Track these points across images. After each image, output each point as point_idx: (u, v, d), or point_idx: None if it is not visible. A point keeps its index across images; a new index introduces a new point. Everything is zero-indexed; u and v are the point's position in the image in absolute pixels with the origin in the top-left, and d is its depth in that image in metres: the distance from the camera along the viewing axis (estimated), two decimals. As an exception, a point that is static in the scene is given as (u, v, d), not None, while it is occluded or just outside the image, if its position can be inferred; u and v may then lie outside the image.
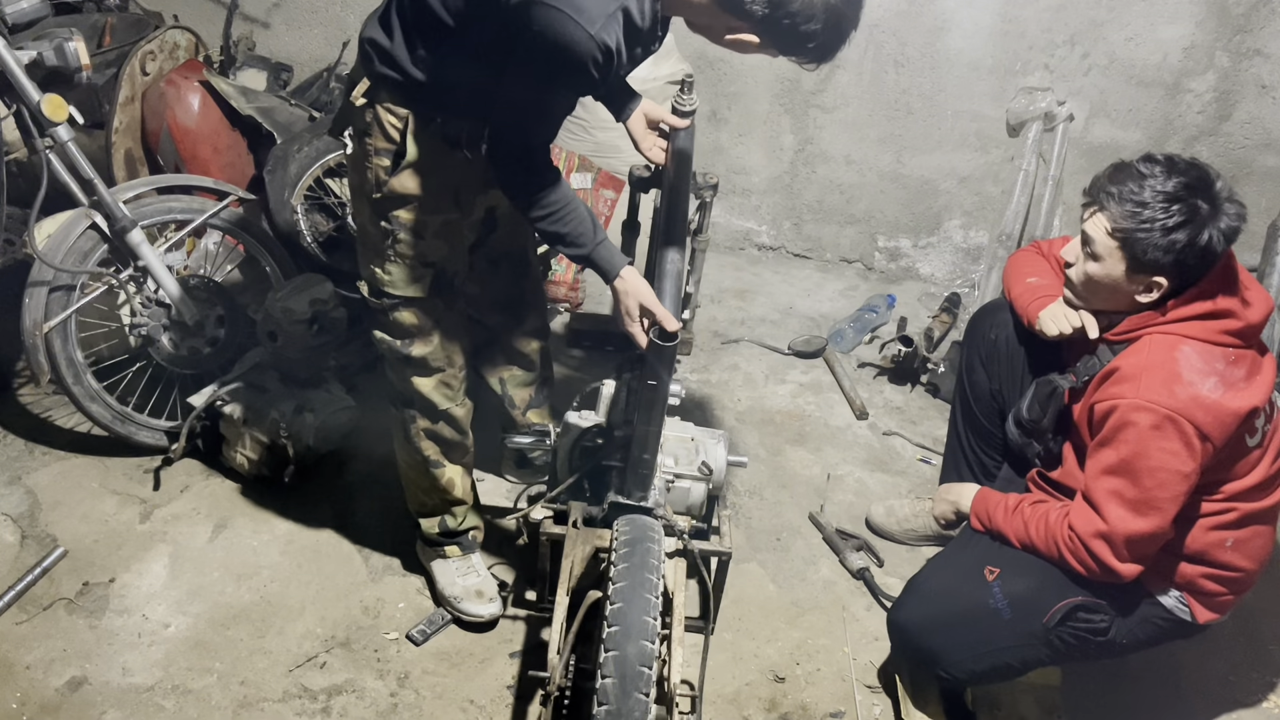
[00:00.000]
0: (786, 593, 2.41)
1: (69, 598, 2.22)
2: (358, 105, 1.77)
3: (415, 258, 1.89)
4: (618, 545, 1.68)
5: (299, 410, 2.49)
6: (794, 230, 3.95)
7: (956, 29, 3.39)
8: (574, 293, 3.46)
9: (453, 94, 1.74)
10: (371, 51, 1.73)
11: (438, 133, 1.79)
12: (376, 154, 1.80)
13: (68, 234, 2.29)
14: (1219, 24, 3.20)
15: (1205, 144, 3.41)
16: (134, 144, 2.76)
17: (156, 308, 2.48)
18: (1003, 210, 3.58)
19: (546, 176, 1.72)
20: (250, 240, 2.65)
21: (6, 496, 2.47)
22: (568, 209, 1.73)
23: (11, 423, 2.71)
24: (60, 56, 2.21)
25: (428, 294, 1.94)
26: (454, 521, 2.22)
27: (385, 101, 1.75)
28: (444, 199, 1.88)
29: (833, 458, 2.88)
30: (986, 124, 3.54)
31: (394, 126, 1.77)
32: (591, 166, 3.44)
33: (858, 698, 2.15)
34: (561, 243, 1.77)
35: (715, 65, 3.64)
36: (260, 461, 2.51)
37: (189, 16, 3.10)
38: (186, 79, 2.71)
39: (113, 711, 1.99)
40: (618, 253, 1.79)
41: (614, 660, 1.47)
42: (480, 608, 2.19)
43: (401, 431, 2.13)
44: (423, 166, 1.81)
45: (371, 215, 1.87)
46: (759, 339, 3.42)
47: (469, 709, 2.05)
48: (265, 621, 2.21)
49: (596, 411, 2.12)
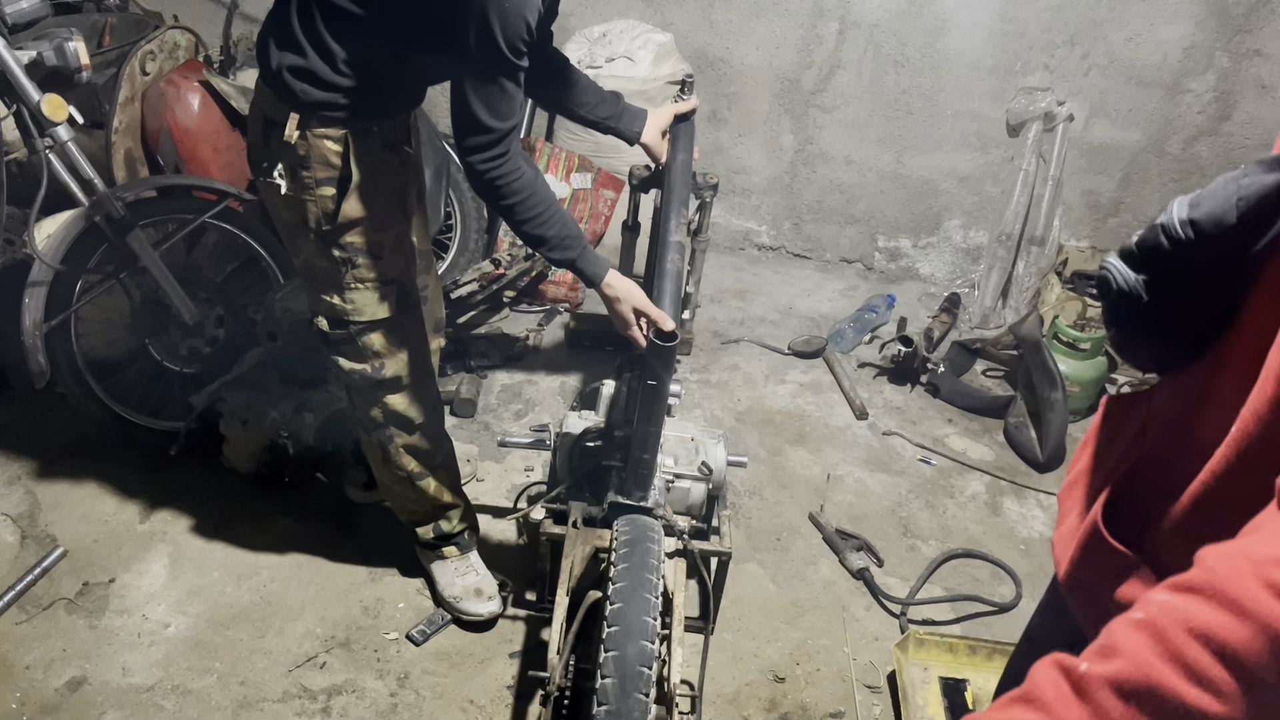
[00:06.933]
0: (786, 593, 2.41)
1: (69, 598, 2.22)
2: (292, 142, 1.66)
3: (376, 279, 1.82)
4: (618, 545, 1.68)
5: (299, 410, 2.50)
6: (794, 230, 3.95)
7: (956, 29, 3.39)
8: (574, 293, 3.46)
9: (383, 91, 1.69)
10: (291, 79, 1.62)
11: (376, 142, 1.74)
12: (318, 184, 1.70)
13: (68, 234, 2.29)
14: (1219, 24, 3.20)
15: (1205, 144, 3.42)
16: (134, 144, 2.76)
17: (156, 307, 2.48)
18: (1003, 210, 3.58)
19: (525, 172, 1.65)
20: (250, 240, 2.65)
21: (6, 496, 2.47)
22: (551, 212, 1.69)
23: (11, 423, 2.71)
24: (60, 56, 2.21)
25: (394, 312, 1.87)
26: (448, 525, 2.21)
27: (317, 128, 1.66)
28: (393, 211, 1.84)
29: (833, 458, 2.88)
30: (986, 124, 3.55)
31: (333, 151, 1.68)
32: (591, 166, 3.44)
33: (858, 698, 2.15)
34: (546, 246, 1.72)
35: (715, 65, 3.64)
36: (260, 461, 2.51)
37: (189, 16, 3.10)
38: (186, 79, 2.71)
39: (113, 711, 1.99)
40: (600, 257, 1.77)
41: (614, 660, 1.47)
42: (480, 606, 2.19)
43: (379, 453, 2.08)
44: (367, 185, 1.73)
45: (319, 249, 1.77)
46: (759, 339, 3.42)
47: (469, 709, 2.05)
48: (265, 621, 2.21)
49: (596, 412, 2.13)
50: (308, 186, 1.71)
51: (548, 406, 2.98)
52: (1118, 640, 0.75)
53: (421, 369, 2.01)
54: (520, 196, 1.64)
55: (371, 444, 2.07)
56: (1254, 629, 0.69)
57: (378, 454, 2.08)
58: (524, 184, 1.63)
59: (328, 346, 1.92)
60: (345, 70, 1.62)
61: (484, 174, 1.60)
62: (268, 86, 1.68)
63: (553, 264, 1.99)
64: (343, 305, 1.84)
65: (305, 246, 1.80)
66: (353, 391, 1.99)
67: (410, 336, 1.95)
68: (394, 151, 1.81)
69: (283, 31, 1.64)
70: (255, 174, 1.78)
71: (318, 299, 1.86)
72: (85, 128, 2.51)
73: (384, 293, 1.85)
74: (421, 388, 2.02)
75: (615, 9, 3.61)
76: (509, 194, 1.63)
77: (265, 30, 1.69)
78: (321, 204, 1.73)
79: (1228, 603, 0.70)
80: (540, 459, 2.74)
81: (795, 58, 3.57)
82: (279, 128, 1.66)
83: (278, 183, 1.71)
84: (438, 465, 2.14)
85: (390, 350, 1.92)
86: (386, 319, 1.88)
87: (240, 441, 2.50)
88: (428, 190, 2.34)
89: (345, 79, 1.63)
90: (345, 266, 1.79)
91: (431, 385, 2.07)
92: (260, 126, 1.73)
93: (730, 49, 3.60)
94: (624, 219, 2.47)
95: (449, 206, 3.31)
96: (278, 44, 1.64)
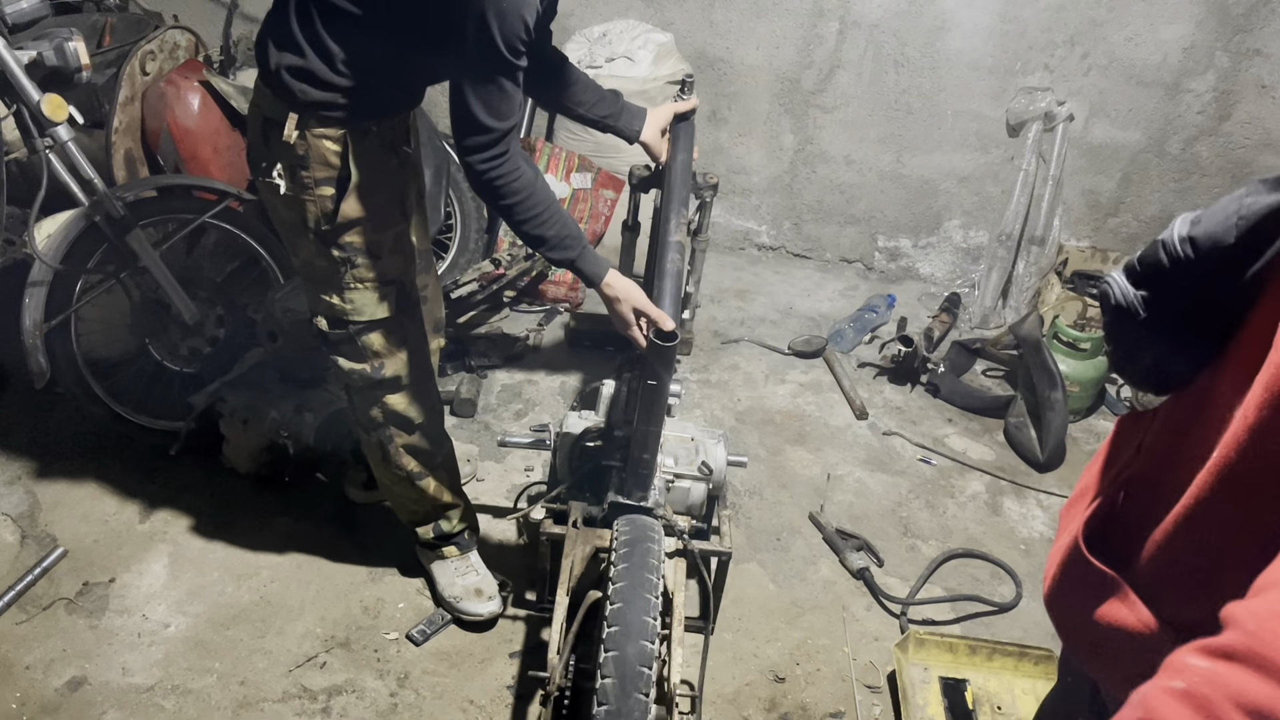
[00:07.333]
0: (786, 593, 2.41)
1: (69, 598, 2.22)
2: (291, 142, 1.66)
3: (376, 279, 1.82)
4: (618, 545, 1.68)
5: (299, 410, 2.50)
6: (794, 230, 3.95)
7: (956, 29, 3.39)
8: (574, 293, 3.46)
9: (381, 90, 1.70)
10: (290, 79, 1.63)
11: (375, 142, 1.74)
12: (318, 184, 1.71)
13: (68, 234, 2.29)
14: (1219, 24, 3.20)
15: (1205, 144, 3.42)
16: (134, 144, 2.75)
17: (156, 307, 2.48)
18: (1003, 210, 3.58)
19: (524, 172, 1.64)
20: (250, 240, 2.65)
21: (6, 496, 2.47)
22: (551, 212, 1.69)
23: (11, 422, 2.71)
24: (60, 56, 2.21)
25: (393, 312, 1.88)
26: (448, 525, 2.21)
27: (316, 128, 1.66)
28: (392, 211, 1.84)
29: (833, 458, 2.88)
30: (986, 124, 3.54)
31: (332, 151, 1.68)
32: (591, 166, 3.44)
33: (858, 698, 2.15)
34: (545, 246, 1.72)
35: (715, 65, 3.64)
36: (260, 461, 2.51)
37: (189, 16, 3.10)
38: (186, 79, 2.71)
39: (113, 711, 1.99)
40: (600, 256, 1.77)
41: (614, 660, 1.47)
42: (480, 606, 2.19)
43: (379, 453, 2.08)
44: (366, 185, 1.73)
45: (318, 248, 1.78)
46: (759, 339, 3.42)
47: (469, 709, 2.05)
48: (265, 621, 2.21)
49: (596, 411, 2.12)
50: (307, 186, 1.71)
51: (548, 406, 2.98)
52: (1159, 712, 0.70)
53: (421, 369, 2.00)
54: (520, 196, 1.64)
55: (371, 444, 2.07)
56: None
57: (378, 454, 2.08)
58: (523, 184, 1.63)
59: (327, 346, 1.92)
60: (344, 70, 1.62)
61: (483, 174, 1.60)
62: (267, 86, 1.68)
63: (552, 264, 1.99)
64: (342, 305, 1.84)
65: (304, 246, 1.80)
66: (352, 391, 1.99)
67: (410, 336, 1.95)
68: (393, 151, 1.81)
69: (281, 31, 1.64)
70: (255, 174, 1.78)
71: (317, 299, 1.86)
72: (85, 128, 2.51)
73: (383, 292, 1.85)
74: (421, 388, 2.02)
75: (615, 9, 3.61)
76: (508, 194, 1.63)
77: (264, 30, 1.69)
78: (320, 204, 1.72)
79: (1276, 673, 0.66)
80: (540, 459, 2.74)
81: (795, 58, 3.57)
82: (278, 128, 1.66)
83: (277, 183, 1.71)
84: (438, 465, 2.14)
85: (390, 350, 1.92)
86: (386, 319, 1.88)
87: (240, 441, 2.50)
88: (428, 190, 2.34)
89: (344, 79, 1.63)
90: (344, 266, 1.79)
91: (431, 385, 2.07)
92: (259, 126, 1.72)
93: (730, 49, 3.60)
94: (624, 219, 2.46)
95: (449, 206, 3.31)
96: (276, 44, 1.64)
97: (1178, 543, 0.94)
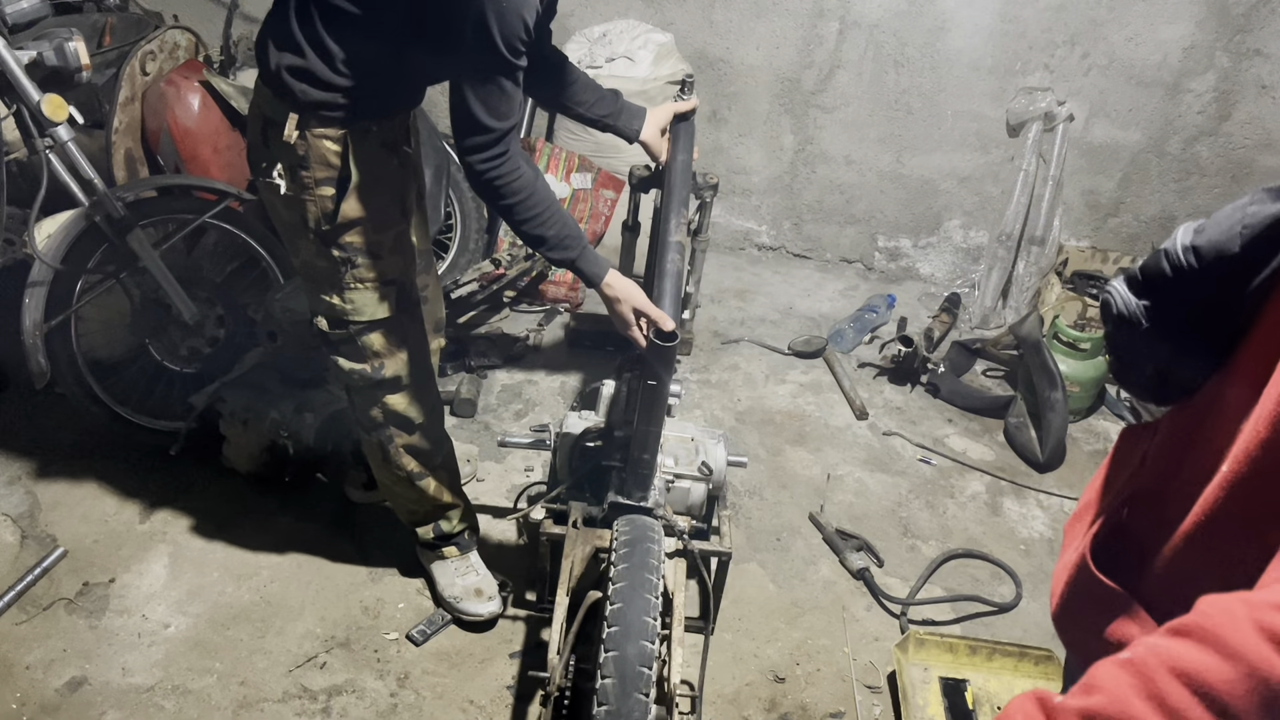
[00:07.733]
0: (786, 593, 2.40)
1: (69, 598, 2.22)
2: (291, 142, 1.67)
3: (376, 279, 1.82)
4: (618, 545, 1.68)
5: (299, 410, 2.49)
6: (794, 230, 3.95)
7: (956, 29, 3.39)
8: (574, 293, 3.46)
9: (381, 91, 1.70)
10: (290, 79, 1.63)
11: (375, 142, 1.74)
12: (318, 184, 1.71)
13: (68, 234, 2.29)
14: (1219, 24, 3.20)
15: (1205, 144, 3.42)
16: (134, 144, 2.76)
17: (156, 307, 2.48)
18: (1003, 210, 3.58)
19: (524, 172, 1.65)
20: (250, 240, 2.65)
21: (6, 496, 2.47)
22: (551, 212, 1.69)
23: (11, 422, 2.71)
24: (60, 56, 2.21)
25: (394, 312, 1.88)
26: (448, 525, 2.21)
27: (316, 128, 1.66)
28: (392, 211, 1.84)
29: (833, 458, 2.88)
30: (986, 124, 3.55)
31: (332, 151, 1.68)
32: (591, 166, 3.44)
33: (858, 698, 2.15)
34: (545, 246, 1.72)
35: (715, 65, 3.64)
36: (260, 461, 2.51)
37: (189, 16, 3.10)
38: (186, 79, 2.71)
39: (113, 712, 1.99)
40: (600, 257, 1.77)
41: (614, 660, 1.47)
42: (480, 606, 2.19)
43: (379, 453, 2.08)
44: (366, 185, 1.73)
45: (319, 249, 1.78)
46: (759, 339, 3.42)
47: (469, 709, 2.05)
48: (265, 621, 2.21)
49: (596, 411, 2.12)
50: (307, 186, 1.71)
51: (548, 406, 2.98)
52: (1100, 678, 0.74)
53: (421, 369, 2.00)
54: (520, 196, 1.64)
55: (371, 444, 2.07)
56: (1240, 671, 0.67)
57: (378, 454, 2.08)
58: (523, 184, 1.63)
59: (327, 346, 1.92)
60: (344, 70, 1.62)
61: (483, 174, 1.60)
62: (267, 86, 1.68)
63: (552, 264, 1.99)
64: (342, 305, 1.84)
65: (305, 246, 1.80)
66: (352, 391, 1.99)
67: (410, 336, 1.95)
68: (393, 151, 1.81)
69: (281, 31, 1.64)
70: (255, 174, 1.78)
71: (317, 299, 1.86)
72: (85, 128, 2.51)
73: (383, 293, 1.85)
74: (421, 388, 2.02)
75: (615, 9, 3.61)
76: (508, 194, 1.63)
77: (264, 30, 1.69)
78: (321, 204, 1.72)
79: (1216, 644, 0.68)
80: (540, 459, 2.74)
81: (795, 58, 3.57)
82: (278, 128, 1.66)
83: (277, 183, 1.71)
84: (438, 465, 2.14)
85: (390, 350, 1.92)
86: (386, 319, 1.88)
87: (240, 441, 2.50)
88: (428, 190, 2.34)
89: (344, 79, 1.63)
90: (345, 266, 1.79)
91: (431, 385, 2.07)
92: (259, 126, 1.72)
93: (730, 49, 3.60)
94: (624, 219, 2.47)
95: (449, 206, 3.31)
96: (276, 44, 1.64)
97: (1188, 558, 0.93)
